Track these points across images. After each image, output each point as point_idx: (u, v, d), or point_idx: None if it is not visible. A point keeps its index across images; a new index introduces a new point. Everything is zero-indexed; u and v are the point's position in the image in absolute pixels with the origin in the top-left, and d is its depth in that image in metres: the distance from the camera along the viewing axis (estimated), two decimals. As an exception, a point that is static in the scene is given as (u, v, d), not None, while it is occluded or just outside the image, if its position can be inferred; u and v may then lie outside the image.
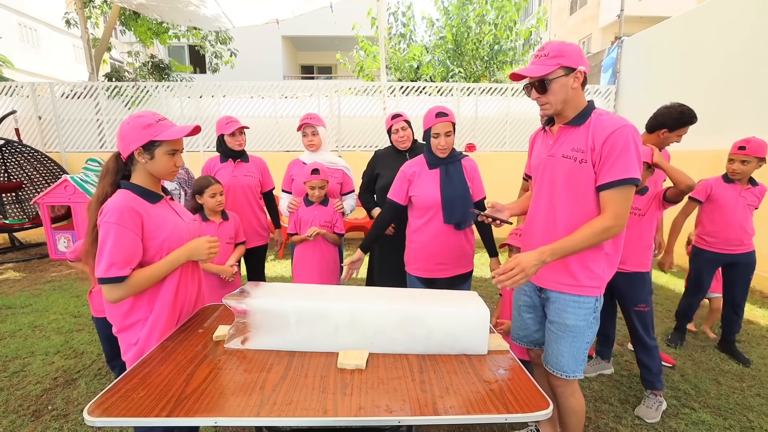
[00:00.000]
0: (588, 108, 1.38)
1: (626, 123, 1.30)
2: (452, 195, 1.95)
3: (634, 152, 1.28)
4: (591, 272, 1.40)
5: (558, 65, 1.31)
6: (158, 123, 1.31)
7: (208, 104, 6.14)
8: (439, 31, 9.30)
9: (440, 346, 1.30)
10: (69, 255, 2.05)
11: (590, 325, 1.44)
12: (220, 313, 1.58)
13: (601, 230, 1.31)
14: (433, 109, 1.95)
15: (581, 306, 1.42)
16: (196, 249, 1.40)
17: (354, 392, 1.08)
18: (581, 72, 1.33)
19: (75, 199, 4.68)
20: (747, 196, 2.46)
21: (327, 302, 1.32)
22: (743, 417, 2.08)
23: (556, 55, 1.32)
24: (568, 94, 1.34)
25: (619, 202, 1.31)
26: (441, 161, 1.98)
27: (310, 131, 2.62)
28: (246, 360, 1.24)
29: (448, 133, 1.94)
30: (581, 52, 1.35)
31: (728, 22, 4.40)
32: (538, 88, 1.37)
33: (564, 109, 1.38)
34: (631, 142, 1.28)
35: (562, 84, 1.33)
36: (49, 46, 17.53)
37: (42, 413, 2.06)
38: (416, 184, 2.01)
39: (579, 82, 1.34)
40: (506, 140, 6.32)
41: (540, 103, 1.40)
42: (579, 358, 1.46)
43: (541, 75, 1.33)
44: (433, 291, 1.53)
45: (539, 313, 1.60)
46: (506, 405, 1.04)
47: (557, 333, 1.47)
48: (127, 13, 8.46)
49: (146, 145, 1.30)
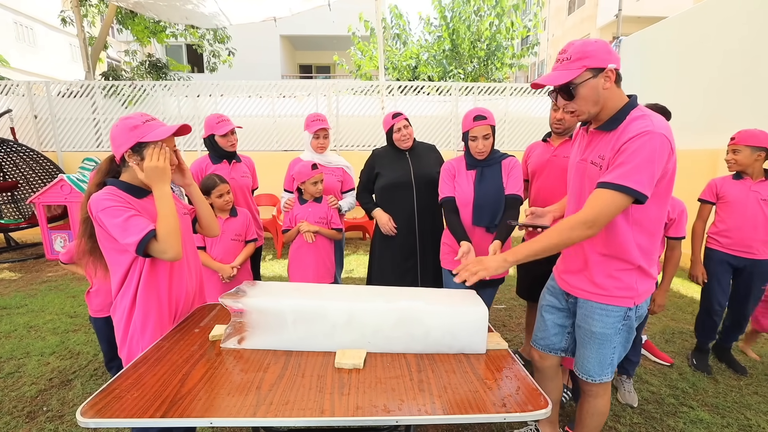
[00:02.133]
0: (623, 111, 1.24)
1: (653, 130, 1.14)
2: (483, 198, 1.96)
3: (646, 161, 1.13)
4: (620, 282, 1.33)
5: (583, 68, 1.19)
6: (145, 124, 1.30)
7: (206, 103, 6.11)
8: (435, 30, 9.30)
9: (438, 345, 1.29)
10: (62, 257, 2.04)
11: (618, 332, 1.37)
12: (217, 313, 1.57)
13: (576, 224, 1.21)
14: (472, 112, 1.93)
15: (609, 314, 1.35)
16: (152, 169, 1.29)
17: (351, 392, 1.07)
18: (612, 70, 1.20)
19: (71, 198, 4.64)
20: (759, 190, 2.28)
21: (324, 301, 1.31)
22: (741, 415, 2.08)
23: (579, 57, 1.20)
24: (600, 96, 1.22)
25: (601, 204, 1.19)
26: (479, 163, 2.00)
27: (323, 134, 2.62)
28: (243, 360, 1.23)
29: (487, 136, 1.93)
30: (608, 47, 1.21)
31: (725, 22, 4.41)
32: (564, 94, 1.25)
33: (598, 112, 1.26)
34: (647, 149, 1.14)
35: (591, 87, 1.21)
36: (45, 44, 17.44)
37: (37, 414, 2.04)
38: (456, 182, 2.04)
39: (611, 80, 1.21)
40: (504, 140, 6.31)
41: (568, 110, 1.30)
42: (605, 362, 1.41)
43: (564, 82, 1.21)
44: (432, 290, 1.52)
45: (562, 316, 1.54)
46: (505, 404, 1.03)
47: (583, 338, 1.43)
48: (124, 12, 8.42)
49: (134, 146, 1.29)
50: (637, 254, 1.29)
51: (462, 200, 2.01)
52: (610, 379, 1.45)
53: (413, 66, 9.18)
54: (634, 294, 1.33)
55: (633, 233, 1.28)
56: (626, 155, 1.16)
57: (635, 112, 1.22)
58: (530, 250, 1.28)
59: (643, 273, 1.33)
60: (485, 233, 2.01)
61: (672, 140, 1.18)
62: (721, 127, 4.43)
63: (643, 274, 1.33)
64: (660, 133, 1.14)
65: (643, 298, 1.36)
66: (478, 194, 1.96)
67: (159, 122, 1.35)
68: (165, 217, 1.28)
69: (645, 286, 1.35)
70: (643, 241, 1.29)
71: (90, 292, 2.04)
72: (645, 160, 1.14)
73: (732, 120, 4.30)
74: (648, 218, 1.27)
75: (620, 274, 1.32)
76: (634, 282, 1.32)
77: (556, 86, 1.24)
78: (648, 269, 1.33)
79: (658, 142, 1.14)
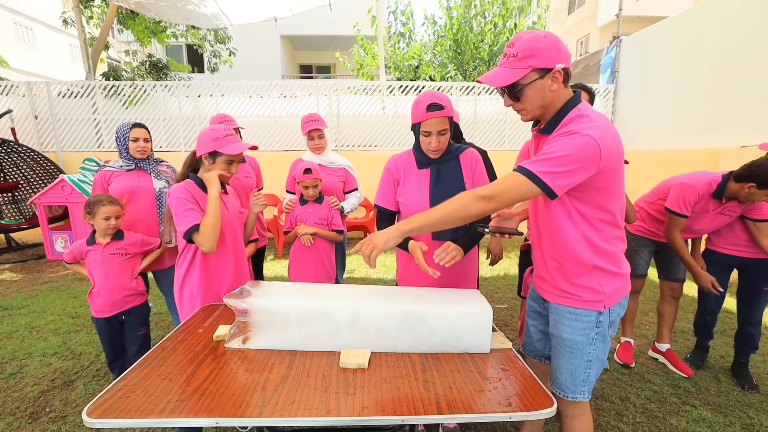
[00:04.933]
0: (561, 112, 1.18)
1: (580, 131, 1.08)
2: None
3: (564, 160, 1.07)
4: (581, 286, 1.25)
5: (529, 68, 1.12)
6: (225, 138, 1.67)
7: (207, 104, 6.11)
8: (440, 30, 9.29)
9: (443, 345, 1.30)
10: (66, 257, 2.05)
11: (591, 341, 1.26)
12: (221, 312, 1.57)
13: (477, 196, 1.16)
14: (425, 98, 1.52)
15: (578, 319, 1.26)
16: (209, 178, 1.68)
17: (357, 391, 1.07)
18: (560, 71, 1.13)
19: (72, 199, 4.64)
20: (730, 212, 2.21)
21: (329, 301, 1.31)
22: (743, 414, 2.08)
23: (526, 55, 1.11)
24: (545, 98, 1.16)
25: (507, 184, 1.14)
26: (433, 160, 1.64)
27: (317, 135, 2.60)
28: (247, 360, 1.23)
29: (443, 131, 1.54)
30: (558, 44, 1.13)
31: (725, 22, 4.41)
32: (510, 95, 1.19)
33: (544, 113, 1.21)
34: (569, 149, 1.07)
35: (537, 89, 1.14)
36: (45, 45, 17.43)
37: (40, 415, 2.04)
38: (404, 187, 1.69)
39: (559, 81, 1.14)
40: (505, 139, 6.32)
41: (516, 110, 1.24)
42: (578, 376, 1.29)
43: (509, 83, 1.14)
44: (435, 289, 1.52)
45: (543, 322, 1.46)
46: (510, 403, 1.03)
47: (555, 347, 1.34)
48: (125, 12, 8.42)
49: (212, 153, 1.67)
50: (589, 254, 1.21)
51: (414, 208, 1.60)
52: (586, 398, 1.31)
53: (415, 66, 9.17)
54: (602, 297, 1.23)
55: (580, 231, 1.21)
56: (549, 147, 1.11)
57: (572, 113, 1.16)
58: (425, 219, 1.22)
59: (605, 272, 1.23)
60: None
61: (602, 142, 1.07)
62: (721, 127, 4.44)
63: (605, 274, 1.23)
64: (587, 135, 1.07)
65: (614, 299, 1.25)
66: (435, 199, 1.58)
67: (236, 138, 1.72)
68: (207, 217, 1.62)
69: (612, 286, 1.24)
70: (594, 238, 1.20)
71: (92, 292, 2.04)
72: (564, 158, 1.07)
73: (732, 120, 4.31)
74: (594, 213, 1.19)
75: (579, 278, 1.24)
76: (597, 284, 1.23)
77: (500, 87, 1.18)
78: (610, 268, 1.23)
79: (584, 144, 1.06)
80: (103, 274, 1.99)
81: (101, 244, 1.99)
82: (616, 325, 1.31)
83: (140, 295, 2.11)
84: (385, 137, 6.23)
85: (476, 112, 6.29)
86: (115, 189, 2.23)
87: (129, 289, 2.05)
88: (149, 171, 2.27)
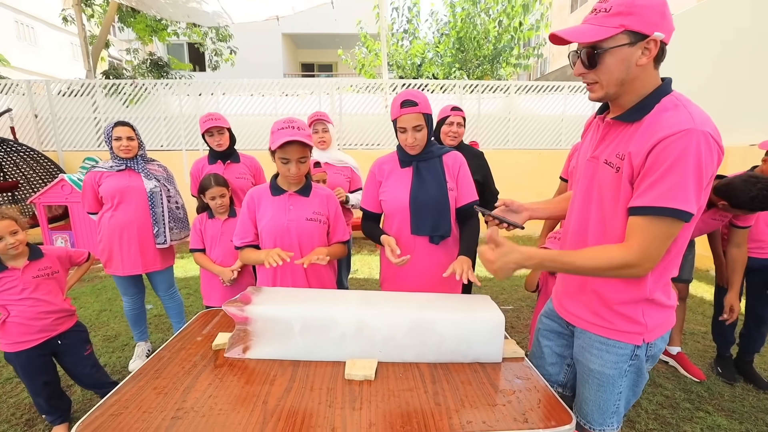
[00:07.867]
0: (652, 97, 0.94)
1: (693, 127, 0.86)
2: (422, 200, 1.59)
3: (692, 172, 0.86)
4: (621, 315, 1.05)
5: (621, 27, 0.88)
6: (278, 131, 1.52)
7: (208, 102, 6.06)
8: (443, 27, 9.20)
9: (453, 354, 1.24)
10: None
11: (623, 374, 1.08)
12: (220, 320, 1.51)
13: (618, 264, 0.94)
14: (401, 95, 1.53)
15: (610, 351, 1.08)
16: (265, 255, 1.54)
17: (363, 406, 1.01)
18: (656, 41, 0.89)
19: (72, 198, 4.60)
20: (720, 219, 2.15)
21: (333, 308, 1.26)
22: (760, 420, 2.01)
23: (621, 11, 0.88)
24: (629, 72, 0.92)
25: (650, 237, 0.91)
26: (413, 158, 1.62)
27: (321, 128, 2.56)
28: (248, 371, 1.17)
29: (418, 127, 1.53)
30: (664, 8, 0.90)
31: (727, 20, 4.35)
32: (586, 59, 0.93)
33: (621, 93, 0.96)
34: (690, 156, 0.85)
35: (621, 57, 0.91)
36: (45, 43, 17.40)
37: (35, 422, 1.99)
38: (386, 185, 1.67)
39: (650, 56, 0.91)
40: (509, 138, 6.25)
41: (585, 81, 0.99)
42: (607, 410, 1.13)
43: (593, 40, 0.90)
44: (444, 295, 1.46)
45: (562, 344, 1.27)
46: (527, 419, 0.97)
47: (582, 375, 1.17)
48: (126, 10, 8.36)
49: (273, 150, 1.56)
50: (650, 282, 1.01)
51: (396, 205, 1.63)
52: (615, 430, 1.16)
53: (418, 64, 9.09)
54: (642, 329, 1.04)
55: None
56: (665, 166, 0.87)
57: (667, 101, 0.93)
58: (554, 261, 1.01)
59: (653, 304, 1.03)
60: (428, 245, 1.64)
61: (718, 137, 0.89)
62: (728, 125, 4.36)
63: (652, 306, 1.03)
64: (702, 131, 0.86)
65: (656, 333, 1.06)
66: (415, 195, 1.59)
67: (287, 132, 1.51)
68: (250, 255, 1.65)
69: (657, 319, 1.05)
70: (663, 261, 0.99)
71: (5, 322, 1.69)
72: (691, 169, 0.86)
73: (735, 119, 4.25)
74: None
75: (622, 306, 1.04)
76: (640, 314, 1.04)
77: (581, 45, 0.93)
78: (661, 299, 1.04)
79: (703, 143, 0.86)
80: (26, 300, 1.70)
81: (17, 269, 1.69)
82: (655, 360, 1.13)
83: (71, 315, 1.87)
84: (388, 136, 6.17)
85: (480, 111, 6.22)
86: (106, 190, 2.18)
87: (61, 312, 1.81)
88: (139, 171, 2.21)
